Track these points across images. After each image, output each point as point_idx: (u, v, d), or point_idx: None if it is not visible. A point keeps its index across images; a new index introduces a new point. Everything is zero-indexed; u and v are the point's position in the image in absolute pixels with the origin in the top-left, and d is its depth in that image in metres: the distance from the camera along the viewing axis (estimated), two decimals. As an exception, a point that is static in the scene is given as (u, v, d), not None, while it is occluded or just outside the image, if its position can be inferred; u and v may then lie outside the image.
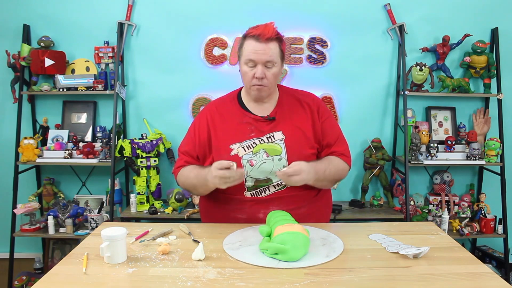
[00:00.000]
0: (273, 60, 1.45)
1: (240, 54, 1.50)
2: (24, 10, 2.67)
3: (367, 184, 2.76)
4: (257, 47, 1.43)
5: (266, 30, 1.43)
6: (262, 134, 1.52)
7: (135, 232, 1.37)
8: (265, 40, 1.42)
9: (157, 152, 2.65)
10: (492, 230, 2.63)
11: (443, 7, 2.67)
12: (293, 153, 1.50)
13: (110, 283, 1.05)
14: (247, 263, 1.14)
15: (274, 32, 1.44)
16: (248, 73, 1.47)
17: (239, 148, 1.50)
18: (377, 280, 1.05)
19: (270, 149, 1.50)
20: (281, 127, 1.53)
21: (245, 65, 1.47)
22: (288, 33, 2.67)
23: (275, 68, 1.47)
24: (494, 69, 2.65)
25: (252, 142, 1.51)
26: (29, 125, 2.77)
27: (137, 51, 2.72)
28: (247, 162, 1.49)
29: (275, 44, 1.45)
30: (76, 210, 2.56)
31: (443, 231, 1.42)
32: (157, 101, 2.76)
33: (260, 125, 1.53)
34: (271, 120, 1.54)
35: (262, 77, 1.45)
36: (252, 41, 1.44)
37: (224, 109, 1.59)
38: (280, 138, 1.51)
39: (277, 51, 1.46)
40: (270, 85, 1.49)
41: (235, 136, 1.52)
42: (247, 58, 1.45)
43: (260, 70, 1.44)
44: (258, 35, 1.43)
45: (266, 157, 1.49)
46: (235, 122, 1.55)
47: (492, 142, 2.58)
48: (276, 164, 1.48)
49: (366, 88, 2.75)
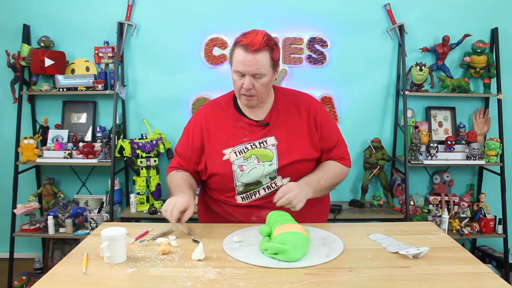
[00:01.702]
0: (261, 72, 1.40)
1: (231, 61, 1.46)
2: (24, 10, 2.67)
3: (367, 184, 2.76)
4: (245, 58, 1.38)
5: (254, 40, 1.37)
6: (255, 139, 1.50)
7: (135, 232, 1.37)
8: (253, 51, 1.37)
9: (157, 152, 2.65)
10: (492, 230, 2.63)
11: (443, 7, 2.68)
12: (284, 159, 1.48)
13: (110, 283, 1.04)
14: (247, 263, 1.14)
15: (262, 43, 1.37)
16: (237, 82, 1.44)
17: (231, 153, 1.49)
18: (377, 280, 1.05)
19: (261, 154, 1.48)
20: (274, 132, 1.51)
21: (235, 74, 1.44)
22: (288, 33, 2.67)
23: (264, 78, 1.42)
24: (494, 69, 2.65)
25: (244, 147, 1.49)
26: (29, 125, 2.77)
27: (137, 51, 2.72)
28: (238, 168, 1.48)
29: (264, 54, 1.39)
30: (76, 210, 2.56)
31: (443, 231, 1.42)
32: (157, 101, 2.76)
33: (254, 130, 1.51)
34: (265, 125, 1.52)
35: (250, 88, 1.42)
36: (241, 50, 1.39)
37: (219, 112, 1.57)
38: (273, 144, 1.49)
39: (267, 61, 1.40)
40: (259, 95, 1.46)
41: (228, 140, 1.51)
42: (235, 68, 1.42)
43: (247, 82, 1.41)
44: (246, 45, 1.37)
45: (257, 163, 1.48)
46: (229, 126, 1.53)
47: (492, 142, 2.58)
48: (266, 169, 1.47)
49: (366, 88, 2.75)
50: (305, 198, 1.38)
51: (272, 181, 1.49)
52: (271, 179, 1.49)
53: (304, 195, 1.38)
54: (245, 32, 1.43)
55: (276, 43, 1.45)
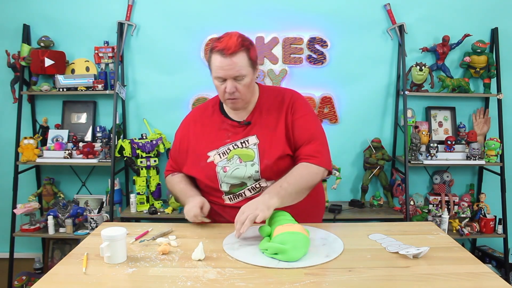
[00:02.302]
0: (241, 74, 1.40)
1: (210, 68, 1.46)
2: (24, 10, 2.68)
3: (367, 184, 2.76)
4: (223, 62, 1.38)
5: (229, 44, 1.37)
6: (237, 139, 1.50)
7: (135, 232, 1.37)
8: (230, 54, 1.36)
9: (157, 152, 2.65)
10: (492, 230, 2.63)
11: (443, 7, 2.67)
12: (265, 157, 1.47)
13: (110, 283, 1.05)
14: (247, 263, 1.14)
15: (237, 45, 1.37)
16: (219, 87, 1.44)
17: (215, 155, 1.51)
18: (377, 280, 1.05)
19: (243, 154, 1.48)
20: (255, 131, 1.51)
21: (216, 80, 1.44)
22: (288, 33, 2.67)
23: (246, 79, 1.42)
24: (494, 69, 2.65)
25: (227, 148, 1.50)
26: (29, 125, 2.77)
27: (137, 51, 2.72)
28: (221, 169, 1.49)
29: (241, 55, 1.39)
30: (76, 210, 2.56)
31: (443, 231, 1.42)
32: (157, 101, 2.76)
33: (236, 130, 1.52)
34: (247, 125, 1.52)
35: (233, 91, 1.42)
36: (217, 56, 1.39)
37: (206, 116, 1.59)
38: (254, 143, 1.49)
39: (245, 62, 1.40)
40: (243, 97, 1.46)
41: (212, 143, 1.53)
42: (215, 74, 1.42)
43: (230, 85, 1.41)
44: (222, 50, 1.37)
45: (239, 163, 1.48)
46: (214, 129, 1.55)
47: (492, 142, 2.58)
48: (248, 169, 1.47)
49: (366, 88, 2.75)
50: (262, 205, 1.29)
51: (257, 182, 1.49)
52: (255, 180, 1.49)
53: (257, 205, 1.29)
54: (219, 37, 1.43)
55: (251, 42, 1.45)
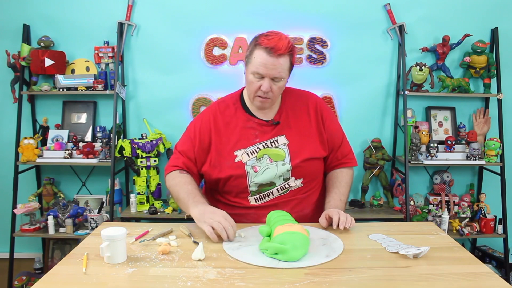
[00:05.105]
0: (281, 76, 1.40)
1: (248, 61, 1.43)
2: (24, 10, 2.67)
3: (367, 184, 2.76)
4: (267, 61, 1.37)
5: (279, 45, 1.36)
6: (266, 139, 1.50)
7: (135, 232, 1.37)
8: (278, 55, 1.36)
9: (157, 152, 2.65)
10: (492, 230, 2.63)
11: (443, 7, 2.67)
12: (297, 158, 1.49)
13: (110, 283, 1.04)
14: (247, 263, 1.14)
15: (287, 48, 1.37)
16: (254, 83, 1.42)
17: (243, 154, 1.49)
18: (377, 280, 1.05)
19: (273, 154, 1.49)
20: (284, 131, 1.52)
21: (252, 75, 1.42)
22: (288, 33, 2.64)
23: (282, 81, 1.43)
24: (494, 69, 2.64)
25: (256, 148, 1.50)
26: (29, 125, 2.77)
27: (137, 51, 2.72)
28: (251, 168, 1.48)
29: (286, 58, 1.39)
30: (76, 210, 2.56)
31: (443, 231, 1.42)
32: (157, 101, 2.76)
33: (264, 130, 1.52)
34: (275, 125, 1.52)
35: (268, 90, 1.41)
36: (263, 53, 1.37)
37: (228, 113, 1.54)
38: (284, 143, 1.50)
39: (287, 65, 1.41)
40: (274, 97, 1.46)
41: (239, 142, 1.50)
42: (255, 70, 1.39)
43: (266, 84, 1.40)
44: (270, 49, 1.35)
45: (269, 163, 1.48)
46: (239, 127, 1.52)
47: (492, 142, 2.58)
48: (279, 168, 1.48)
49: (366, 88, 2.75)
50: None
51: (286, 182, 1.50)
52: (285, 180, 1.50)
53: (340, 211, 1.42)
54: (266, 34, 1.41)
55: (295, 47, 1.46)
